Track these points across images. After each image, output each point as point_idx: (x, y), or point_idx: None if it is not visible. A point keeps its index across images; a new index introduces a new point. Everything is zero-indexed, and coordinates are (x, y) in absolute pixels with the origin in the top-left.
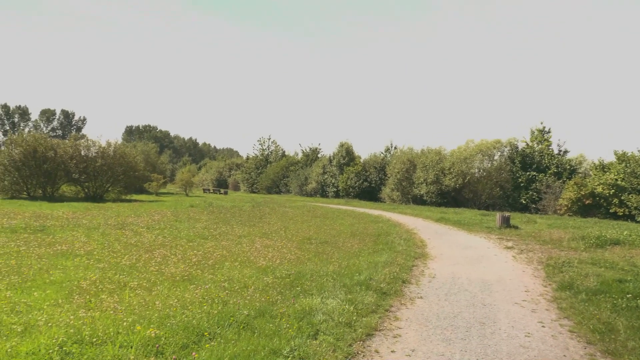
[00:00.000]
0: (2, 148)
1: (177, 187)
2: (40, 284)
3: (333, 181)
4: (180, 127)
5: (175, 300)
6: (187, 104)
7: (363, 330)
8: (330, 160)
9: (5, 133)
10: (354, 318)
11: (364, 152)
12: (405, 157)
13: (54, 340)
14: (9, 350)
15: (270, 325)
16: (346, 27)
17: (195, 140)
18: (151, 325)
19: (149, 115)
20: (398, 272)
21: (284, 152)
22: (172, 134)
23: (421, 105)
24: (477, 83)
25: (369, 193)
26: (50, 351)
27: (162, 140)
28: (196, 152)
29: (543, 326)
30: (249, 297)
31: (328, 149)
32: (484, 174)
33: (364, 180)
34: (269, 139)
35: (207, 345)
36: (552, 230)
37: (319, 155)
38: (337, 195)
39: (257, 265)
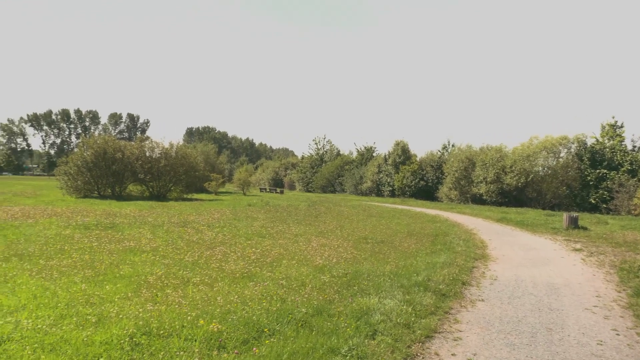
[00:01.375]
0: (76, 150)
1: (235, 187)
2: (111, 278)
3: (388, 180)
4: (237, 128)
5: (236, 296)
6: (245, 106)
7: (422, 332)
8: (385, 159)
9: (78, 136)
10: (413, 319)
11: (420, 150)
12: (464, 155)
13: (124, 331)
14: (85, 339)
15: (328, 323)
16: (401, 23)
17: (252, 140)
18: (213, 320)
19: (208, 116)
20: (457, 274)
21: (339, 151)
22: (229, 135)
23: (480, 103)
24: (541, 77)
25: (426, 192)
26: (122, 341)
27: (221, 141)
28: (253, 152)
29: (617, 334)
30: (306, 295)
31: (383, 148)
32: (549, 172)
33: (420, 179)
34: (324, 139)
35: (267, 341)
36: (625, 232)
37: (374, 154)
38: (392, 194)
39: (314, 264)
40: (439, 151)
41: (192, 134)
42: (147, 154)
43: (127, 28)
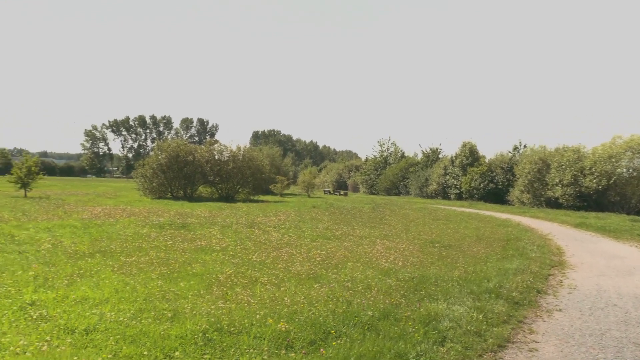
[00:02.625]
0: (151, 154)
1: (299, 189)
2: (185, 276)
3: (455, 182)
4: (301, 131)
5: (302, 297)
6: (309, 109)
7: (494, 341)
8: (452, 161)
9: (153, 140)
10: (484, 327)
11: (488, 151)
12: (537, 157)
13: (198, 327)
14: (162, 332)
15: (395, 328)
16: (468, 22)
17: (316, 143)
18: (281, 320)
19: (273, 120)
20: (532, 281)
21: (403, 153)
22: (294, 138)
23: (554, 102)
24: (620, 74)
25: (495, 195)
26: (195, 336)
27: (285, 144)
28: (316, 155)
29: None
30: (372, 299)
31: (449, 149)
32: (634, 174)
33: (489, 182)
34: (388, 140)
35: (333, 343)
36: None
37: (440, 156)
38: (459, 197)
39: (380, 267)
40: (510, 152)
41: (258, 137)
42: (216, 157)
43: (202, 35)
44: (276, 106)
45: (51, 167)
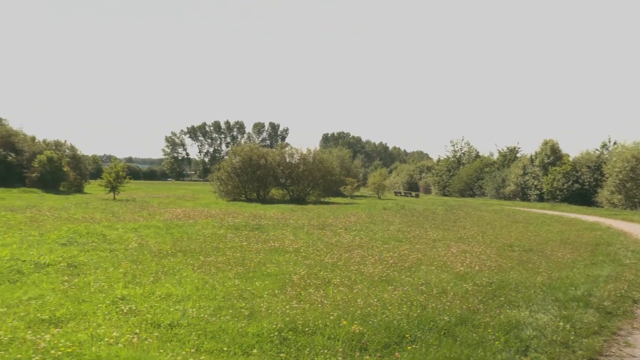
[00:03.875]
0: (226, 158)
1: (369, 190)
2: (260, 275)
3: (535, 183)
4: (371, 133)
5: (375, 299)
6: (378, 110)
7: (584, 353)
8: (531, 160)
9: (227, 145)
10: (572, 338)
11: (572, 150)
12: (630, 154)
13: (273, 326)
14: (240, 330)
15: (473, 334)
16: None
17: (386, 144)
18: (355, 322)
19: (342, 122)
20: (627, 290)
21: (478, 152)
22: (363, 140)
23: None
24: None
25: (581, 196)
26: (271, 335)
27: (355, 146)
28: (386, 156)
29: None
30: (448, 303)
31: (528, 148)
32: None
33: (574, 182)
34: (462, 140)
35: (409, 347)
36: None
37: (518, 155)
38: (540, 198)
39: (455, 271)
40: (597, 150)
41: (328, 140)
42: (287, 159)
43: (274, 40)
44: (345, 108)
45: (136, 171)
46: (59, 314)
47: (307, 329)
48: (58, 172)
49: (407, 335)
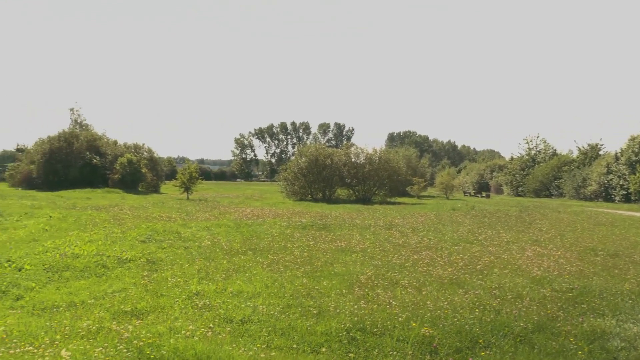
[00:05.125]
0: (292, 158)
1: (437, 190)
2: (327, 275)
3: (621, 182)
4: (438, 131)
5: (445, 302)
6: (445, 108)
7: None
8: (616, 158)
9: (293, 146)
10: None
11: None
12: None
13: (341, 325)
14: (309, 328)
15: (553, 343)
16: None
17: (454, 143)
18: (424, 324)
19: (408, 121)
20: None
21: (555, 150)
22: (430, 138)
23: None
24: None
25: None
26: (340, 334)
27: (421, 145)
28: (455, 155)
29: None
30: (524, 309)
31: (612, 145)
32: None
33: None
34: (537, 137)
35: (482, 353)
36: None
37: (601, 153)
38: (626, 199)
39: (531, 275)
40: None
41: (394, 139)
42: (353, 159)
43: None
44: (411, 107)
45: (207, 172)
46: (140, 306)
47: (375, 330)
48: (137, 174)
49: (480, 341)
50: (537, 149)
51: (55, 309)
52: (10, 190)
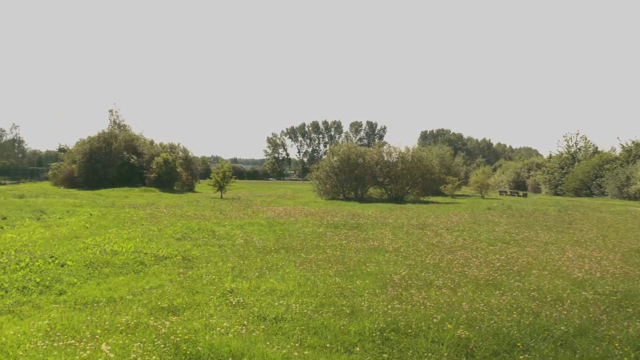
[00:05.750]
0: (324, 157)
1: (471, 189)
2: (360, 274)
3: None
4: (472, 129)
5: (482, 304)
6: (480, 105)
7: None
8: None
9: (325, 145)
10: None
11: None
12: None
13: (375, 325)
14: (342, 327)
15: (596, 348)
16: None
17: (489, 141)
18: (460, 326)
19: (441, 119)
20: None
21: (596, 148)
22: (464, 136)
23: None
24: None
25: None
26: (373, 334)
27: (455, 143)
28: (490, 153)
29: None
30: (564, 312)
31: None
32: None
33: None
34: (577, 134)
35: (521, 357)
36: None
37: None
38: None
39: (571, 277)
40: None
41: (426, 137)
42: (385, 158)
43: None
44: (445, 105)
45: (240, 171)
46: (176, 303)
47: (409, 331)
48: (173, 173)
49: (518, 344)
50: (577, 147)
51: (95, 304)
52: (53, 189)
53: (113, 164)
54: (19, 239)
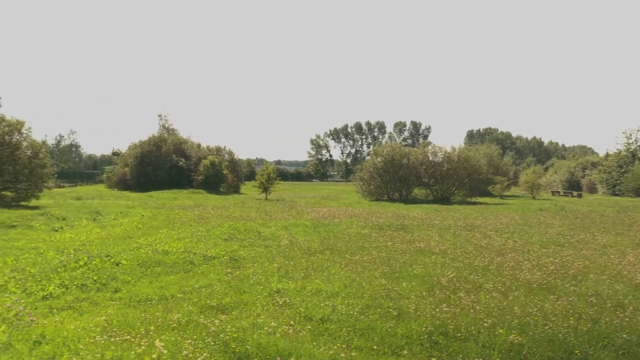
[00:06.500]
0: (367, 158)
1: (521, 190)
2: (406, 276)
3: None
4: (522, 127)
5: (535, 308)
6: (529, 102)
7: None
8: None
9: (368, 145)
10: None
11: None
12: None
13: (423, 328)
14: (389, 330)
15: None
16: None
17: (540, 139)
18: (512, 331)
19: (488, 117)
20: None
21: None
22: (513, 135)
23: None
24: None
25: None
26: (421, 337)
27: (504, 142)
28: (541, 152)
29: None
30: (626, 319)
31: None
32: None
33: None
34: (638, 131)
35: None
36: None
37: None
38: None
39: (634, 282)
40: None
41: (473, 137)
42: (430, 158)
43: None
44: (492, 102)
45: (284, 173)
46: (225, 302)
47: (459, 335)
48: (219, 175)
49: (576, 352)
50: (638, 144)
51: (148, 302)
52: (108, 191)
53: (163, 166)
54: (77, 238)
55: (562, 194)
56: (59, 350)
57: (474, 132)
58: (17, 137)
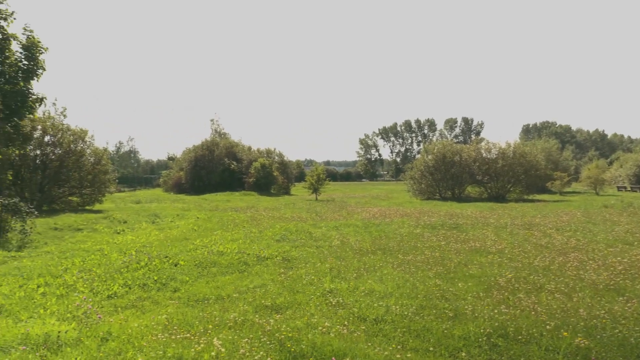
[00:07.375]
0: (418, 156)
1: (583, 186)
2: (461, 277)
3: None
4: (582, 120)
5: (602, 311)
6: (590, 93)
7: None
8: None
9: (418, 143)
10: None
11: None
12: None
13: (481, 330)
14: (445, 331)
15: None
16: None
17: (603, 132)
18: (578, 334)
19: (545, 110)
20: None
21: None
22: (573, 128)
23: None
24: None
25: None
26: (479, 339)
27: (563, 136)
28: (604, 146)
29: None
30: None
31: None
32: None
33: None
34: None
35: None
36: None
37: None
38: None
39: None
40: None
41: (529, 131)
42: (484, 155)
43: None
44: (548, 95)
45: (333, 173)
46: (279, 301)
47: (519, 337)
48: (270, 177)
49: None
50: None
51: (205, 301)
52: (164, 194)
53: (215, 170)
54: (138, 240)
55: (630, 189)
56: (124, 347)
57: (530, 126)
58: (81, 145)
